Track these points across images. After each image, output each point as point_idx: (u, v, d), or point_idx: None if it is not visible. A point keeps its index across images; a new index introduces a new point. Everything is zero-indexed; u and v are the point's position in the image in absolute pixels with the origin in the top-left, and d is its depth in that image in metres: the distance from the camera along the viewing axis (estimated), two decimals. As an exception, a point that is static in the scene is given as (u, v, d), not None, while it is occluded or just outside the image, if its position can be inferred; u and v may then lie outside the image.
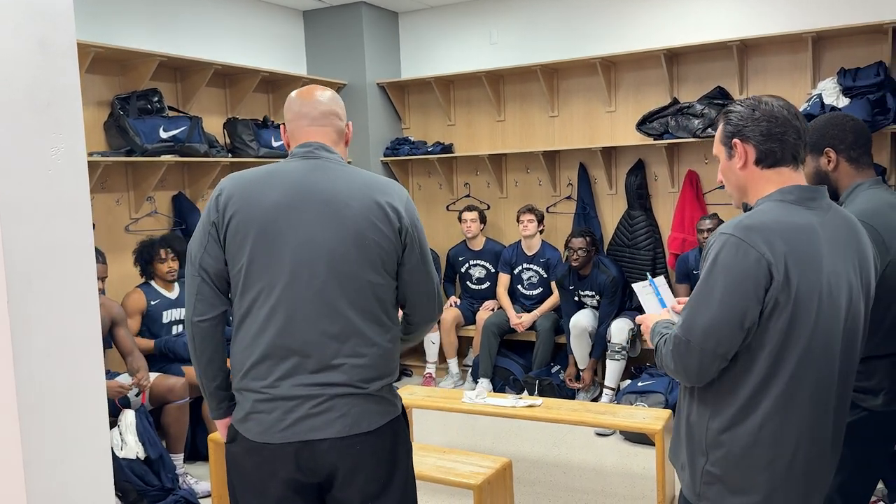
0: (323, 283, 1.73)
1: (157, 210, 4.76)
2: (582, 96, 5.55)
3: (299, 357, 1.73)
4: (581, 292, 5.05)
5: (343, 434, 1.72)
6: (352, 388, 1.73)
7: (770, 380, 1.56)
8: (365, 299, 1.76)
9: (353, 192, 1.78)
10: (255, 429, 1.76)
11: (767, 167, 1.64)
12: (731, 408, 1.59)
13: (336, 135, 1.90)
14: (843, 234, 1.64)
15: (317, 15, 5.95)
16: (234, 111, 5.27)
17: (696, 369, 1.56)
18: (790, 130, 1.62)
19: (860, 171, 2.13)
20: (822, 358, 1.57)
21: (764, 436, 1.57)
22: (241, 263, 1.77)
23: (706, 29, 5.05)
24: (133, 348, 3.92)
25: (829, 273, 1.57)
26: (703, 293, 1.55)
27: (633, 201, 5.32)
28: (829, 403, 1.61)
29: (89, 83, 4.33)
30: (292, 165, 1.83)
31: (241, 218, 1.76)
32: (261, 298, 1.75)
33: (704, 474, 1.63)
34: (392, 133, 6.19)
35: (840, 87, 4.49)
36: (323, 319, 1.73)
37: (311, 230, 1.74)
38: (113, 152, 4.34)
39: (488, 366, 5.20)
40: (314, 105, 1.88)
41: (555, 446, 4.32)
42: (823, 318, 1.55)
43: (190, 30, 5.04)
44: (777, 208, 1.59)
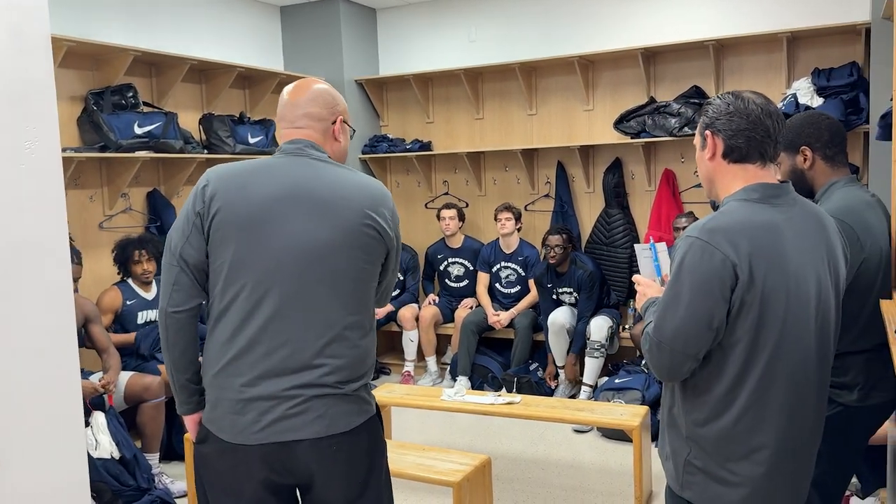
0: (311, 282, 1.71)
1: (132, 207, 4.70)
2: (560, 95, 5.57)
3: (280, 355, 1.70)
4: (559, 290, 5.07)
5: (321, 435, 1.70)
6: (329, 389, 1.71)
7: (744, 376, 1.60)
8: (352, 301, 1.75)
9: (346, 193, 1.76)
10: (229, 430, 1.72)
11: (733, 161, 1.68)
12: (708, 403, 1.64)
13: (319, 135, 1.85)
14: (810, 228, 1.68)
15: (294, 10, 5.91)
16: (211, 107, 5.21)
17: (667, 368, 1.63)
18: (759, 128, 1.64)
19: (836, 170, 2.16)
20: (794, 352, 1.62)
21: (740, 430, 1.62)
22: (223, 258, 1.73)
23: (683, 28, 5.09)
24: (108, 345, 3.87)
25: (795, 269, 1.61)
26: (672, 296, 1.60)
27: (611, 200, 5.36)
28: (807, 396, 1.65)
29: (63, 78, 4.25)
30: (281, 161, 1.80)
31: (227, 212, 1.72)
32: (244, 294, 1.72)
33: (686, 465, 1.69)
34: (370, 130, 6.16)
35: (814, 87, 4.55)
36: (308, 319, 1.71)
37: (302, 228, 1.71)
38: (86, 148, 4.27)
39: (467, 364, 5.21)
40: (292, 107, 1.85)
41: (533, 443, 4.33)
42: (792, 313, 1.60)
43: (166, 25, 4.97)
44: (741, 208, 1.63)
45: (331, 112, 1.87)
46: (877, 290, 2.04)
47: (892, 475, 2.32)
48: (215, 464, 1.78)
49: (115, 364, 3.82)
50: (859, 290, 2.02)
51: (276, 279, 1.71)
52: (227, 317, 1.74)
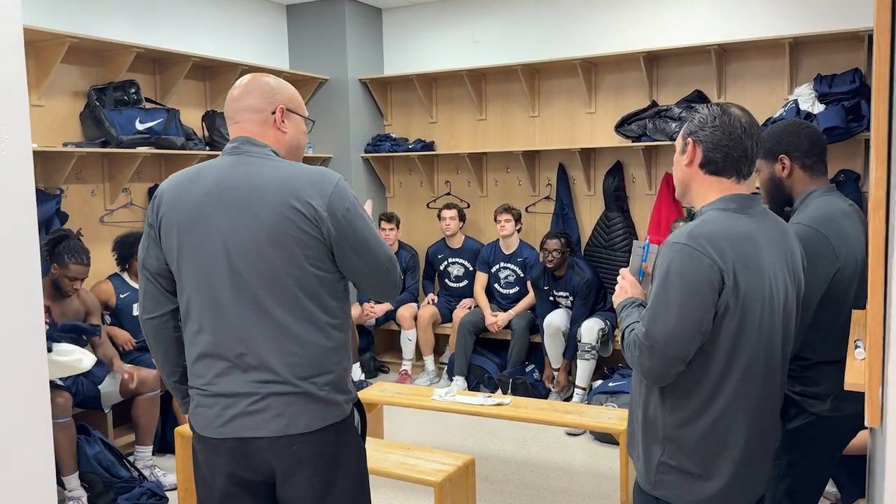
0: (245, 281, 1.70)
1: (133, 202, 4.75)
2: (563, 97, 5.57)
3: (232, 355, 1.72)
4: (556, 293, 5.07)
5: (278, 434, 1.70)
6: (288, 386, 1.70)
7: (724, 378, 1.67)
8: (290, 297, 1.71)
9: (269, 187, 1.70)
10: (199, 423, 1.78)
11: (709, 173, 1.74)
12: (690, 405, 1.70)
13: (258, 126, 1.81)
14: (778, 238, 1.75)
15: (300, 9, 5.94)
16: (214, 104, 5.26)
17: (658, 372, 1.66)
18: (738, 147, 1.70)
19: (814, 179, 2.15)
20: (766, 355, 1.70)
21: (718, 428, 1.69)
22: (173, 263, 1.79)
23: (686, 32, 5.07)
24: (104, 339, 3.92)
25: (770, 276, 1.68)
26: (662, 301, 1.64)
27: (611, 203, 5.35)
28: (774, 396, 1.75)
29: (65, 73, 4.31)
30: (218, 162, 1.80)
31: (168, 218, 1.77)
32: (193, 297, 1.76)
33: (660, 465, 1.73)
34: (373, 129, 6.18)
35: (816, 93, 4.52)
36: (250, 318, 1.71)
37: (227, 228, 1.71)
38: (87, 143, 4.33)
39: (463, 364, 5.22)
40: (229, 103, 1.84)
41: (525, 445, 4.34)
42: (766, 318, 1.68)
43: (172, 22, 5.02)
44: (721, 217, 1.69)
45: (269, 102, 1.81)
46: (851, 301, 2.03)
47: (870, 485, 2.31)
48: (196, 456, 1.86)
49: (111, 352, 3.92)
50: (833, 299, 2.01)
51: (216, 281, 1.72)
52: (188, 319, 1.79)
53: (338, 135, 5.92)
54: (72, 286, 3.69)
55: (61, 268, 3.65)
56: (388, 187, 6.30)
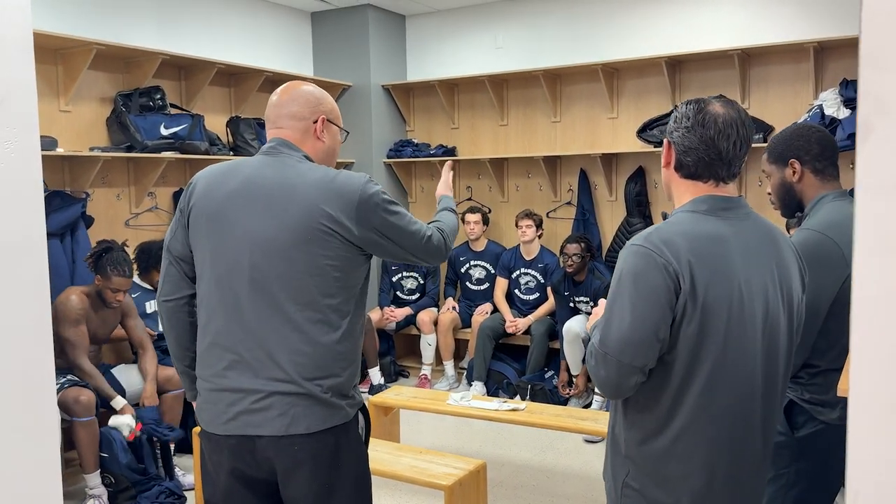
0: (263, 277, 1.74)
1: (158, 206, 4.83)
2: (584, 102, 5.55)
3: (242, 348, 1.75)
4: (576, 298, 5.04)
5: (280, 433, 1.72)
6: (292, 386, 1.73)
7: (684, 392, 1.53)
8: (307, 297, 1.73)
9: (299, 188, 1.75)
10: (204, 418, 1.82)
11: (683, 177, 1.62)
12: (649, 421, 1.56)
13: (299, 133, 1.87)
14: (760, 243, 1.60)
15: (324, 16, 6.01)
16: (238, 110, 5.34)
17: (614, 382, 1.52)
18: (711, 150, 1.56)
19: (825, 183, 2.11)
20: (737, 370, 1.54)
21: (679, 449, 1.54)
22: (197, 251, 1.83)
23: (708, 37, 5.03)
24: (144, 339, 3.97)
25: (740, 281, 1.53)
26: (615, 305, 1.52)
27: (633, 209, 5.31)
28: (752, 419, 1.58)
29: (93, 79, 4.41)
30: (253, 160, 1.86)
31: (199, 206, 1.82)
32: (211, 286, 1.80)
33: (624, 486, 1.61)
34: (396, 135, 6.22)
35: (841, 98, 4.45)
36: (263, 313, 1.74)
37: (253, 223, 1.75)
38: (113, 147, 4.42)
39: (482, 369, 5.22)
40: (273, 108, 1.89)
41: (542, 452, 4.32)
42: (735, 325, 1.52)
43: (197, 29, 5.11)
44: (686, 219, 1.57)
45: (312, 111, 1.88)
46: (861, 307, 1.99)
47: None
48: (202, 450, 1.90)
49: (150, 367, 3.92)
50: (843, 306, 1.97)
51: (235, 274, 1.76)
52: (202, 307, 1.83)
53: (360, 140, 5.97)
54: (115, 298, 3.72)
55: (104, 279, 3.67)
56: (410, 192, 6.33)
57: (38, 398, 1.62)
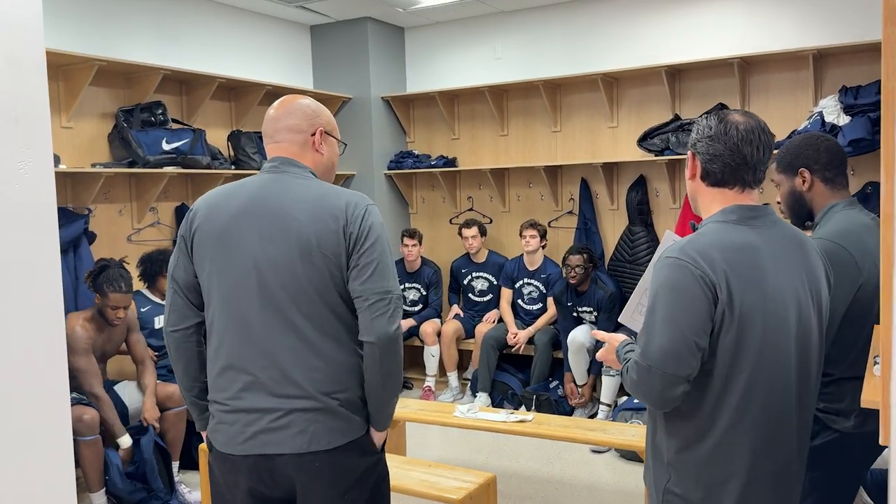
0: (273, 295, 1.74)
1: (160, 221, 4.83)
2: (584, 112, 5.56)
3: (256, 368, 1.75)
4: (579, 308, 5.04)
5: (301, 451, 1.72)
6: (311, 401, 1.73)
7: (723, 399, 1.59)
8: (316, 313, 1.74)
9: (304, 205, 1.76)
10: (220, 439, 1.80)
11: (711, 185, 1.68)
12: (689, 428, 1.62)
13: (298, 147, 1.86)
14: (789, 249, 1.66)
15: (323, 30, 6.02)
16: (239, 124, 5.34)
17: (658, 393, 1.57)
18: (736, 156, 1.63)
19: (835, 192, 2.12)
20: (773, 375, 1.60)
21: (720, 455, 1.60)
22: (203, 276, 1.82)
23: (708, 46, 5.05)
24: (145, 356, 3.96)
25: (772, 290, 1.59)
26: (655, 318, 1.58)
27: (634, 217, 5.32)
28: (789, 420, 1.64)
29: (94, 95, 4.41)
30: (255, 179, 1.86)
31: (203, 230, 1.82)
32: (220, 309, 1.79)
33: (666, 492, 1.67)
34: (396, 146, 6.23)
35: (841, 105, 4.46)
36: (275, 331, 1.74)
37: (259, 243, 1.75)
38: (115, 163, 4.41)
39: (487, 380, 5.20)
40: (271, 122, 1.88)
41: (549, 462, 4.31)
42: (770, 332, 1.58)
43: (197, 44, 5.11)
44: (717, 229, 1.63)
45: (310, 124, 1.87)
46: (874, 316, 1.99)
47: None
48: (214, 472, 1.88)
49: (150, 382, 3.90)
50: (856, 315, 1.98)
51: (243, 294, 1.76)
52: (212, 332, 1.82)
53: (361, 152, 5.98)
54: (115, 315, 3.70)
55: (103, 298, 3.66)
56: (411, 203, 6.33)
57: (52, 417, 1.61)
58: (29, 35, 1.54)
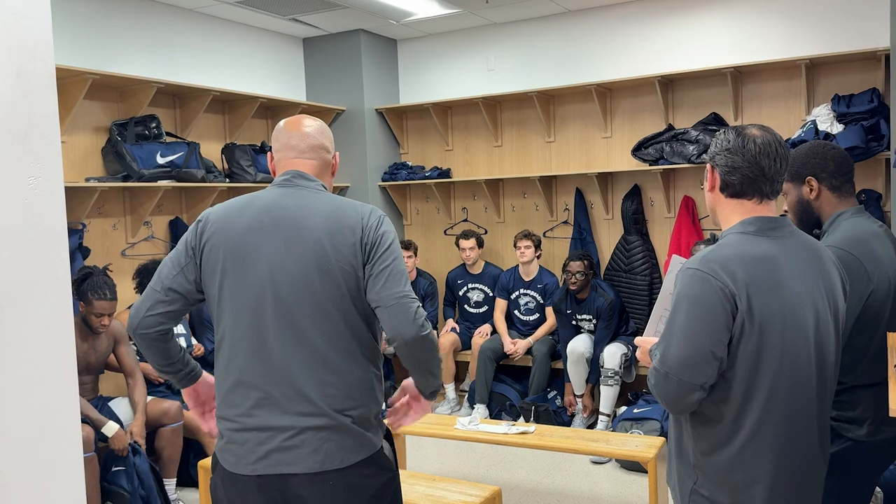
0: (288, 308, 1.72)
1: (154, 235, 4.78)
2: (578, 122, 5.58)
3: (269, 384, 1.72)
4: (578, 316, 5.03)
5: (315, 470, 1.69)
6: (325, 419, 1.70)
7: (747, 405, 1.63)
8: (332, 327, 1.73)
9: (319, 217, 1.76)
10: (230, 459, 1.77)
11: (729, 196, 1.73)
12: (714, 433, 1.67)
13: (321, 166, 1.90)
14: (807, 260, 1.71)
15: (316, 42, 6.02)
16: (233, 137, 5.32)
17: (674, 399, 1.64)
18: (754, 168, 1.68)
19: (842, 200, 2.13)
20: (794, 382, 1.64)
21: (745, 458, 1.65)
22: (213, 289, 1.80)
23: (701, 55, 5.08)
24: (135, 368, 3.91)
25: (791, 299, 1.64)
26: (674, 326, 1.63)
27: (630, 226, 5.33)
28: (810, 424, 1.68)
29: (87, 109, 4.38)
30: (268, 193, 1.85)
31: (214, 243, 1.79)
32: (232, 323, 1.76)
33: (693, 493, 1.71)
34: (390, 158, 6.22)
35: (834, 114, 4.50)
36: (289, 346, 1.72)
37: (275, 255, 1.74)
38: (109, 178, 4.37)
39: (484, 391, 5.18)
40: (302, 138, 1.88)
41: (549, 474, 4.28)
42: (790, 340, 1.63)
43: (190, 57, 5.09)
44: (737, 241, 1.68)
45: (332, 146, 1.96)
46: (885, 323, 2.00)
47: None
48: (220, 492, 1.83)
49: (140, 398, 3.84)
50: (867, 322, 1.98)
51: (259, 308, 1.73)
52: (222, 347, 1.80)
53: (355, 164, 5.96)
54: (100, 322, 3.67)
55: (87, 305, 3.65)
56: (406, 215, 6.32)
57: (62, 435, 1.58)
58: (39, 49, 1.53)
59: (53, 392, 1.58)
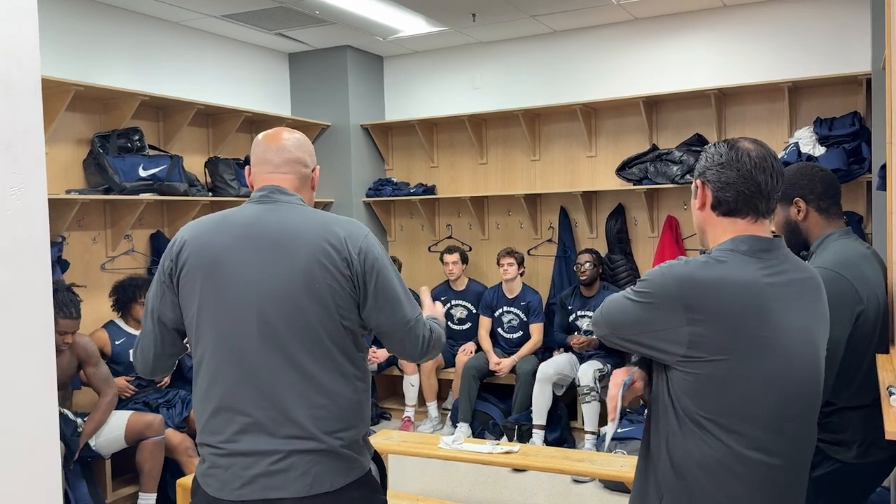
0: (274, 330, 1.66)
1: (135, 248, 4.72)
2: (563, 141, 5.60)
3: (255, 409, 1.66)
4: (580, 313, 5.06)
5: (303, 494, 1.64)
6: (313, 442, 1.65)
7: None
8: (320, 347, 1.67)
9: (304, 234, 1.69)
10: (213, 484, 1.70)
11: (722, 214, 1.61)
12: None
13: (299, 181, 1.83)
14: (801, 284, 1.61)
15: (302, 57, 6.00)
16: (217, 150, 5.27)
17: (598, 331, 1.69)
18: (749, 183, 1.57)
19: (830, 222, 2.14)
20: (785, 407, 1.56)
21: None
22: (191, 312, 1.73)
23: (685, 77, 5.13)
24: (103, 388, 3.79)
25: (775, 325, 1.53)
26: (624, 297, 1.61)
27: (614, 245, 5.34)
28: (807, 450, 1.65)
29: (70, 121, 4.32)
30: (246, 209, 1.78)
31: (191, 263, 1.73)
32: (213, 347, 1.70)
33: None
34: (375, 174, 6.20)
35: (816, 136, 4.55)
36: (276, 368, 1.66)
37: (259, 274, 1.68)
38: (90, 190, 4.31)
39: (468, 410, 5.14)
40: (278, 151, 1.82)
41: (532, 495, 4.25)
42: (772, 369, 1.53)
43: (175, 71, 5.05)
44: (723, 259, 1.55)
45: (312, 160, 1.88)
46: (874, 345, 2.00)
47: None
48: None
49: (97, 416, 3.76)
50: (857, 343, 1.98)
51: (241, 330, 1.67)
52: (201, 372, 1.74)
53: (339, 179, 5.94)
54: (62, 340, 3.55)
55: None
56: (390, 231, 6.29)
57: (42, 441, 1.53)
58: (24, 57, 1.49)
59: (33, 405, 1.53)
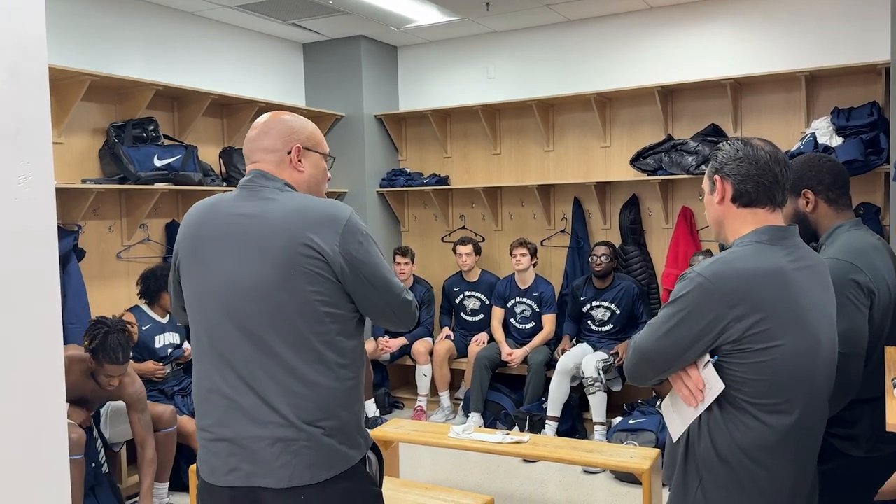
0: (249, 320, 1.66)
1: (150, 238, 4.76)
2: (577, 131, 5.57)
3: (237, 394, 1.67)
4: (594, 303, 5.06)
5: (283, 485, 1.64)
6: (293, 430, 1.64)
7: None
8: (298, 336, 1.64)
9: (280, 222, 1.67)
10: (205, 469, 1.74)
11: (742, 206, 1.71)
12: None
13: (274, 166, 1.77)
14: (815, 270, 1.71)
15: (316, 48, 6.01)
16: (231, 140, 5.30)
17: (636, 375, 1.73)
18: (768, 174, 1.69)
19: (839, 213, 2.11)
20: (808, 399, 1.65)
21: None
22: (186, 295, 1.80)
23: (701, 66, 5.08)
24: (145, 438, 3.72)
25: (805, 307, 1.63)
26: (662, 319, 1.66)
27: (627, 236, 5.32)
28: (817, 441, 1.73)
29: (85, 111, 4.36)
30: (230, 196, 1.79)
31: (182, 249, 1.80)
32: (199, 332, 1.74)
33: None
34: (388, 164, 6.21)
35: (833, 127, 4.49)
36: (254, 358, 1.66)
37: (234, 265, 1.68)
38: (105, 179, 4.36)
39: (479, 400, 5.15)
40: (246, 144, 1.83)
41: (543, 484, 4.26)
42: (802, 357, 1.62)
43: (190, 61, 5.08)
44: (748, 251, 1.66)
45: (285, 142, 1.79)
46: (884, 337, 1.98)
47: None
48: (200, 502, 1.80)
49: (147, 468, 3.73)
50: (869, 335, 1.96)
51: (220, 320, 1.69)
52: (195, 356, 1.78)
53: (353, 170, 5.95)
54: (108, 382, 3.53)
55: (97, 364, 3.49)
56: (403, 221, 6.30)
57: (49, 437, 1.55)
58: (32, 46, 1.51)
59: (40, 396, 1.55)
